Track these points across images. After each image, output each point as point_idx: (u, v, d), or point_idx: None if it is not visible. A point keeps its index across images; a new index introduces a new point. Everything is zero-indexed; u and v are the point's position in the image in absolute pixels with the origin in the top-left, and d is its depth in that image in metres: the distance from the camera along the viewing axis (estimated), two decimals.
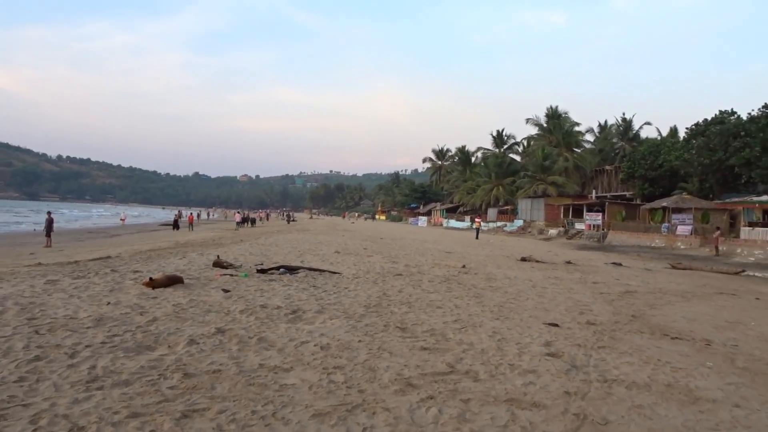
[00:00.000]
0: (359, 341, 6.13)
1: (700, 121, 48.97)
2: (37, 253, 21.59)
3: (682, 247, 35.74)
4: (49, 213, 26.67)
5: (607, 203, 50.90)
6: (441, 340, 6.45)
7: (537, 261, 20.99)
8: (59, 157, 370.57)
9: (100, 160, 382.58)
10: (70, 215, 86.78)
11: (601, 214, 48.71)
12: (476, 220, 46.00)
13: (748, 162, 34.46)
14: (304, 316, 7.39)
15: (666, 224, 39.41)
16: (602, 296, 11.49)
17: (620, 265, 22.19)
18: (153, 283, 8.69)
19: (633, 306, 10.32)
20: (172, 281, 9.04)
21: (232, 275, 10.72)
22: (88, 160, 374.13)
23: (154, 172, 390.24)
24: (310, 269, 12.37)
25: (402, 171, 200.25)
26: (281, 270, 11.69)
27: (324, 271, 12.34)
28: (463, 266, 16.03)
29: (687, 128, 50.51)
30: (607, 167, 67.26)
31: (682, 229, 36.49)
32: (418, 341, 6.29)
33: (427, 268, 15.11)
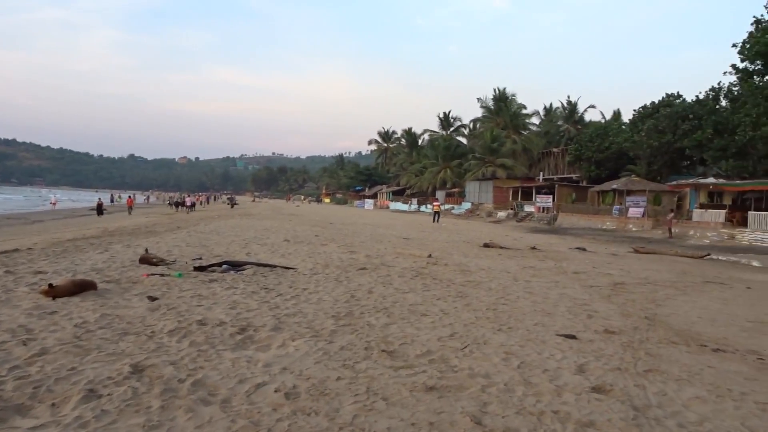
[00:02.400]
0: (338, 378, 4.39)
1: (648, 103, 49.26)
2: None
3: (633, 229, 35.61)
4: None
5: (556, 185, 50.71)
6: (446, 370, 4.78)
7: (501, 247, 19.71)
8: None
9: (28, 141, 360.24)
10: None
11: (551, 196, 48.41)
12: (434, 203, 44.77)
13: (699, 144, 34.47)
14: (256, 335, 5.56)
15: (617, 206, 39.30)
16: (594, 291, 10.16)
17: (584, 250, 21.24)
18: (54, 291, 6.63)
19: (635, 303, 9.00)
20: (81, 287, 6.98)
21: (162, 275, 8.70)
22: (14, 140, 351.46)
23: (87, 154, 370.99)
24: (259, 264, 10.44)
25: (346, 153, 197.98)
26: (224, 266, 9.72)
27: (276, 266, 10.44)
28: (429, 255, 14.47)
29: (635, 110, 50.63)
30: (554, 149, 67.44)
31: (634, 212, 36.35)
32: (417, 374, 4.61)
33: (390, 259, 13.45)
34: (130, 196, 53.68)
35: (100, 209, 40.20)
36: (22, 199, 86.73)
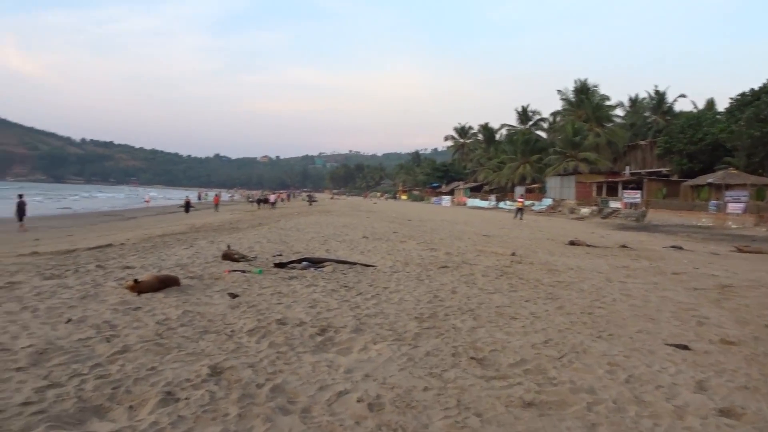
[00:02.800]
0: (425, 389, 4.02)
1: (746, 91, 45.64)
2: (41, 239, 19.95)
3: (733, 226, 32.99)
4: (20, 196, 24.82)
5: (645, 180, 47.97)
6: (544, 382, 4.31)
7: (588, 245, 18.68)
8: (83, 140, 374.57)
9: (123, 143, 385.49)
10: (100, 197, 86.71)
11: (639, 191, 45.83)
12: (518, 199, 43.61)
13: None
14: (336, 337, 5.30)
15: (714, 202, 36.61)
16: (699, 294, 9.23)
17: (681, 248, 19.76)
18: (139, 287, 6.68)
19: (750, 309, 8.05)
20: (165, 283, 7.01)
21: (243, 271, 8.67)
22: (111, 143, 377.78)
23: (176, 154, 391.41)
24: (339, 261, 10.26)
25: (422, 150, 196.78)
26: (303, 263, 9.60)
27: (355, 264, 10.23)
28: (513, 254, 13.84)
29: (731, 98, 47.13)
30: (642, 142, 63.91)
31: (734, 207, 33.67)
32: (512, 386, 4.17)
33: (472, 257, 12.95)
34: (216, 194, 55.76)
35: (187, 207, 41.53)
36: (123, 197, 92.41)
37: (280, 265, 9.41)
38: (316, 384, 4.03)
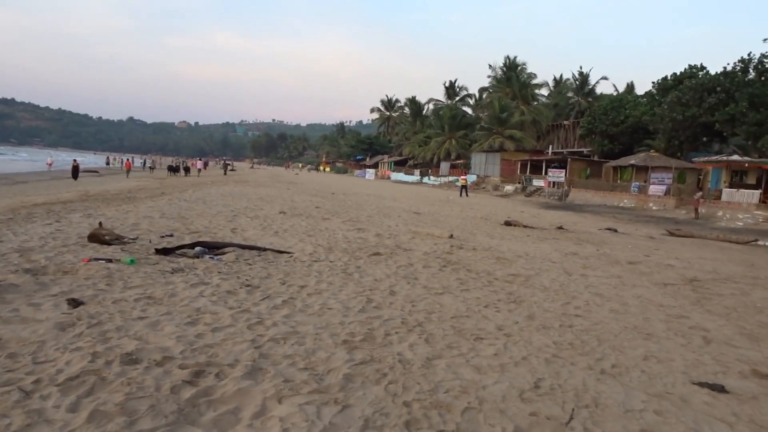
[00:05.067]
0: None
1: (668, 75, 46.45)
2: None
3: (654, 208, 33.29)
4: None
5: (569, 159, 48.12)
6: None
7: (524, 226, 17.43)
8: None
9: (27, 101, 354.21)
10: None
11: (563, 170, 45.91)
12: (461, 177, 42.51)
13: (732, 118, 31.83)
14: (217, 389, 3.27)
15: (636, 183, 36.91)
16: (673, 291, 7.90)
17: (616, 231, 18.98)
18: None
19: (740, 313, 6.74)
20: None
21: (110, 260, 6.38)
22: (13, 100, 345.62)
23: (86, 116, 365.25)
24: (244, 247, 8.06)
25: (347, 122, 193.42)
26: (197, 249, 7.39)
27: (266, 249, 8.09)
28: (451, 236, 12.19)
29: (654, 82, 47.84)
30: (565, 122, 64.68)
31: (656, 189, 33.97)
32: None
33: (406, 240, 11.15)
34: (128, 159, 50.93)
35: (75, 172, 34.95)
36: (27, 158, 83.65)
37: (164, 252, 7.12)
38: None
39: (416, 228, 13.57)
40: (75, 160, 38.64)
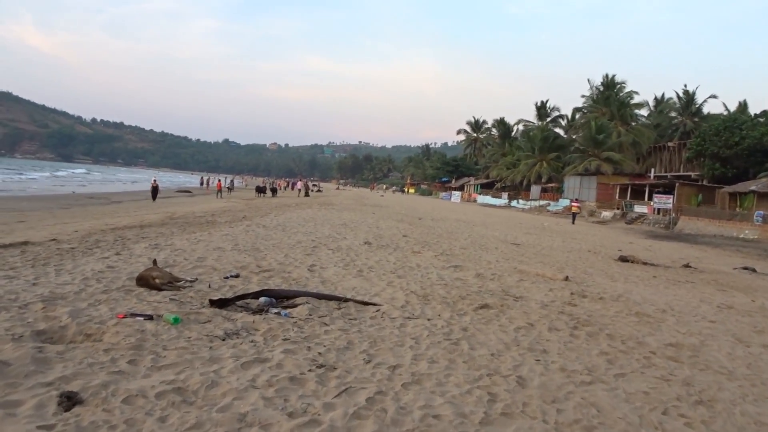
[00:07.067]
0: None
1: None
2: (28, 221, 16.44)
3: None
4: None
5: (677, 184, 43.97)
6: None
7: (643, 263, 14.98)
8: (94, 120, 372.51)
9: (133, 125, 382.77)
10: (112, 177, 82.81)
11: (670, 196, 41.88)
12: (573, 204, 40.20)
13: None
14: None
15: (760, 212, 32.73)
16: None
17: (755, 271, 16.03)
18: None
19: None
20: None
21: (149, 318, 5.03)
22: (122, 123, 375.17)
23: (185, 138, 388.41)
24: (320, 297, 6.57)
25: (432, 144, 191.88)
26: (261, 300, 5.96)
27: (347, 300, 6.54)
28: (566, 278, 10.17)
29: None
30: (669, 144, 59.75)
31: None
32: None
33: (512, 282, 9.28)
34: (219, 180, 52.00)
35: (154, 193, 34.57)
36: (132, 179, 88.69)
37: (220, 303, 5.71)
38: None
39: (521, 265, 11.63)
40: (154, 180, 38.02)
